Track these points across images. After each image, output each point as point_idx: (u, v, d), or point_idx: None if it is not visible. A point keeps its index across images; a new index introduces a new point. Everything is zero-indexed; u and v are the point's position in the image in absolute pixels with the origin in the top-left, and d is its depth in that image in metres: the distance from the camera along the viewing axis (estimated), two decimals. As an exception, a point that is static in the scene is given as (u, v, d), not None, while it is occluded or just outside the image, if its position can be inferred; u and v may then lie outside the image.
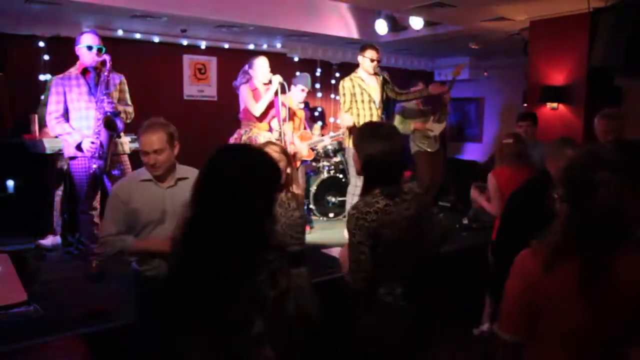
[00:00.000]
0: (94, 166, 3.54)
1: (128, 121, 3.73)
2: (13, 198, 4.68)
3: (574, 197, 1.49)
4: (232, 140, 4.59)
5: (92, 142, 3.49)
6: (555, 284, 1.44)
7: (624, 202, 1.43)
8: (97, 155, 3.51)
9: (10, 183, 4.69)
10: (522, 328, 1.50)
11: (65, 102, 3.57)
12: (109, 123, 3.48)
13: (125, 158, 3.80)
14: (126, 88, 3.81)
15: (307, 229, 5.18)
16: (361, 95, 4.45)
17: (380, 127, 2.11)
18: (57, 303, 3.20)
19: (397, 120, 5.76)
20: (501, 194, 3.40)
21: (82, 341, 2.30)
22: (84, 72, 3.59)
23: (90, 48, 3.54)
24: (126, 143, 3.83)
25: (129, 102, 3.82)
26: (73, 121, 3.58)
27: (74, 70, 3.62)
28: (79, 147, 3.52)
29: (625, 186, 1.44)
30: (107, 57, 3.54)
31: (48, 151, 4.18)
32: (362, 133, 2.09)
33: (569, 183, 1.52)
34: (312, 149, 5.95)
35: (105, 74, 3.52)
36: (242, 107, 4.54)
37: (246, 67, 4.51)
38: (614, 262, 1.43)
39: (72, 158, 3.64)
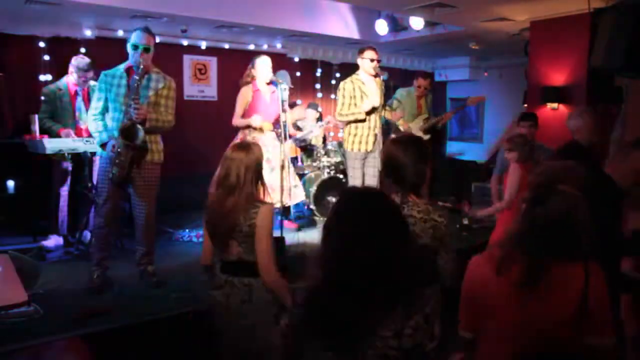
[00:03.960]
0: (112, 172, 3.37)
1: (164, 130, 3.56)
2: (13, 198, 4.69)
3: (533, 201, 1.60)
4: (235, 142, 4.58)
5: (113, 146, 3.35)
6: (501, 286, 1.56)
7: (574, 214, 1.53)
8: (115, 161, 3.35)
9: (10, 183, 4.69)
10: (475, 326, 1.65)
11: (106, 99, 3.43)
12: (124, 131, 3.29)
13: (151, 167, 3.53)
14: (171, 94, 3.57)
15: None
16: (361, 99, 4.43)
17: (410, 142, 2.14)
18: (57, 303, 3.20)
19: (394, 104, 5.55)
20: (520, 188, 3.46)
21: (82, 341, 2.30)
22: (129, 71, 3.43)
23: (135, 47, 3.37)
24: (159, 152, 3.59)
25: (170, 110, 3.56)
26: (108, 121, 3.46)
27: (121, 68, 3.46)
28: (103, 147, 3.43)
29: (581, 201, 1.55)
30: (144, 57, 3.35)
31: (48, 151, 4.17)
32: (393, 144, 2.15)
33: (534, 187, 1.64)
34: (305, 150, 5.95)
35: (136, 77, 3.33)
36: None
37: (250, 65, 4.53)
38: (553, 270, 1.53)
39: (99, 156, 3.56)
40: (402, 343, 1.17)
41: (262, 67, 4.42)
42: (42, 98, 4.57)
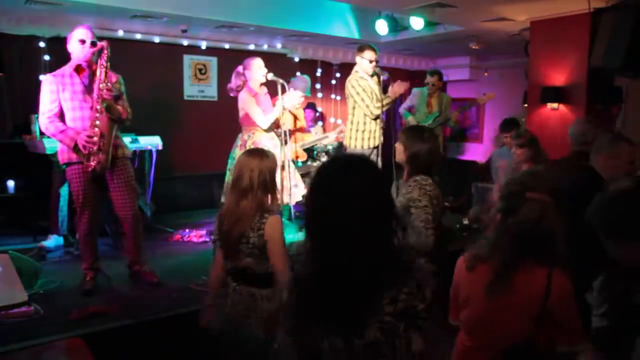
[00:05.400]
0: (93, 163, 3.27)
1: (125, 121, 3.49)
2: (13, 198, 4.69)
3: (506, 210, 1.69)
4: (236, 146, 4.53)
5: (89, 136, 3.24)
6: (472, 282, 1.70)
7: (543, 222, 1.61)
8: (95, 149, 3.26)
9: (10, 183, 4.69)
10: (457, 316, 1.78)
11: (59, 101, 3.30)
12: (111, 108, 3.27)
13: (126, 162, 3.53)
14: (123, 89, 3.53)
15: None
16: (370, 94, 4.41)
17: (425, 131, 2.65)
18: (57, 303, 3.20)
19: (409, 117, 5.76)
20: None
21: (82, 341, 2.30)
22: (78, 69, 3.35)
23: (83, 42, 3.28)
24: (125, 146, 3.57)
25: (127, 103, 3.54)
26: (68, 122, 3.33)
27: (67, 69, 3.36)
28: (75, 147, 3.27)
29: (550, 207, 1.62)
30: (104, 44, 3.31)
31: (48, 151, 4.17)
32: (411, 134, 2.60)
33: (506, 196, 1.73)
34: (307, 150, 5.93)
35: (103, 61, 3.29)
36: (241, 112, 4.49)
37: (240, 68, 4.44)
38: (519, 273, 1.61)
39: (68, 164, 3.37)
40: (396, 308, 1.18)
41: (258, 69, 4.36)
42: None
